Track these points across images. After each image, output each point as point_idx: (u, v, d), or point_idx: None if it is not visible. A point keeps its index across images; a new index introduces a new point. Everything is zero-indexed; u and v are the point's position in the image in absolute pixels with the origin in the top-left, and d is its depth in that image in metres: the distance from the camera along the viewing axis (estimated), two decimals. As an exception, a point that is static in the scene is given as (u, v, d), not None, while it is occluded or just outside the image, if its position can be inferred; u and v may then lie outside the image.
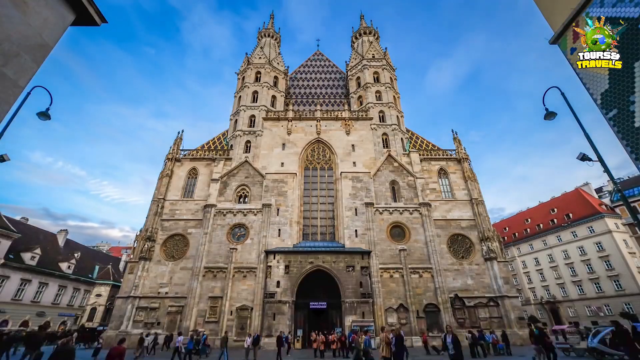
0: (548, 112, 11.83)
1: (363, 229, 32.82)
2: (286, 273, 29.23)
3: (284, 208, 34.10)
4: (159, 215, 33.43)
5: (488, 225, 32.96)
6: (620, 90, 4.30)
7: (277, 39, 54.27)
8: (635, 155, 4.15)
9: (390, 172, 36.58)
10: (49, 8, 3.71)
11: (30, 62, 3.51)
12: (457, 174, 36.98)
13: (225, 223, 33.30)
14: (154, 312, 29.10)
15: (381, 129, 40.13)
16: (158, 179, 35.83)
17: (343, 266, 29.50)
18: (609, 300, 47.14)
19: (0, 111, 3.25)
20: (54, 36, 3.80)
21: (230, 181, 35.96)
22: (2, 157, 10.33)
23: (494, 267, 30.62)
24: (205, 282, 30.21)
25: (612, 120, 4.45)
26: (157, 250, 31.99)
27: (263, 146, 38.77)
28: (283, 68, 48.82)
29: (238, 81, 47.17)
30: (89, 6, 4.08)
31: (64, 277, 43.99)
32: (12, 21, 3.31)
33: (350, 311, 27.51)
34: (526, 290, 61.59)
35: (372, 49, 48.49)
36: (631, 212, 8.52)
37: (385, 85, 43.90)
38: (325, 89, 49.25)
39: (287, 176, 36.20)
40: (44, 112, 11.22)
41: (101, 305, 48.35)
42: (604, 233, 49.73)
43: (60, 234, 49.44)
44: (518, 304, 29.99)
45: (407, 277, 30.14)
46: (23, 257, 38.17)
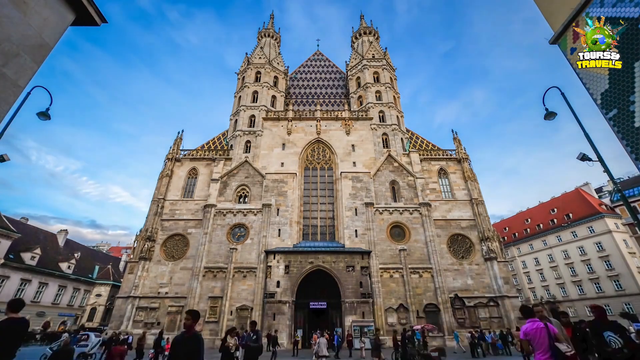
0: (548, 112, 11.83)
1: (363, 229, 32.81)
2: (286, 273, 29.22)
3: (284, 208, 34.08)
4: (159, 215, 33.42)
5: (488, 225, 32.95)
6: (620, 90, 4.30)
7: (277, 39, 54.25)
8: (635, 155, 4.15)
9: (390, 172, 36.57)
10: (49, 8, 3.71)
11: (30, 62, 3.51)
12: (457, 174, 36.97)
13: (225, 223, 33.29)
14: (154, 312, 29.10)
15: (381, 129, 40.12)
16: (158, 179, 35.83)
17: (343, 266, 29.49)
18: (609, 300, 47.11)
19: (0, 111, 3.25)
20: (54, 36, 3.80)
21: (230, 181, 35.95)
22: (2, 157, 10.34)
23: (494, 267, 30.61)
24: (205, 282, 30.20)
25: (612, 120, 4.44)
26: (157, 250, 31.98)
27: (263, 146, 38.76)
28: (283, 68, 48.81)
29: (238, 81, 47.16)
30: (89, 6, 4.08)
31: (64, 277, 43.98)
32: (12, 21, 3.31)
33: (350, 311, 27.49)
34: (526, 290, 61.56)
35: (372, 49, 48.48)
36: (631, 212, 8.52)
37: (385, 85, 43.89)
38: (325, 89, 49.23)
39: (287, 176, 36.19)
40: (44, 112, 11.22)
41: (101, 305, 48.31)
42: (604, 233, 49.71)
43: (60, 234, 49.41)
44: (518, 304, 29.94)
45: (407, 277, 30.13)
46: (23, 257, 38.16)
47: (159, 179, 35.76)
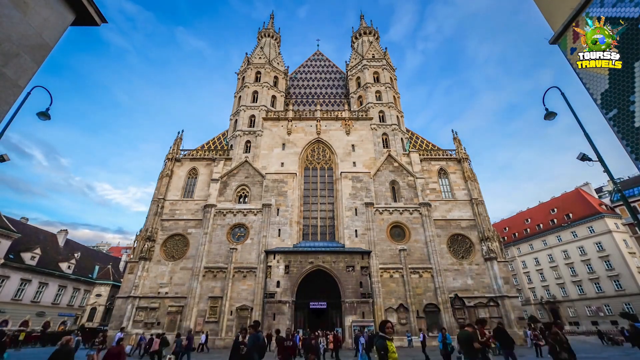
0: (548, 112, 11.83)
1: (363, 229, 32.80)
2: (286, 273, 29.21)
3: (284, 208, 34.07)
4: (159, 215, 33.41)
5: (488, 225, 32.94)
6: (620, 90, 4.29)
7: (277, 39, 54.24)
8: (635, 155, 4.14)
9: (390, 172, 36.56)
10: (49, 8, 3.71)
11: (30, 62, 3.51)
12: (457, 174, 36.96)
13: (225, 223, 33.28)
14: (154, 312, 29.08)
15: (381, 129, 40.11)
16: (158, 179, 35.81)
17: (343, 266, 29.48)
18: (609, 300, 47.13)
19: (0, 111, 3.25)
20: (54, 36, 3.80)
21: (230, 181, 35.94)
22: (2, 157, 10.33)
23: (494, 267, 30.60)
24: (205, 282, 30.19)
25: (612, 120, 4.44)
26: (157, 250, 31.97)
27: (263, 146, 38.75)
28: (283, 68, 48.80)
29: (238, 81, 47.15)
30: (89, 6, 4.08)
31: (64, 277, 43.97)
32: (12, 21, 3.31)
33: (350, 311, 27.48)
34: (526, 290, 61.57)
35: (372, 49, 48.47)
36: (631, 212, 8.51)
37: (385, 85, 43.88)
38: (325, 89, 49.23)
39: (287, 176, 36.18)
40: (44, 112, 11.21)
41: (101, 305, 48.29)
42: (604, 233, 49.71)
43: (60, 234, 49.40)
44: (518, 304, 29.96)
45: (407, 277, 30.12)
46: (23, 257, 38.15)
47: (158, 179, 35.75)
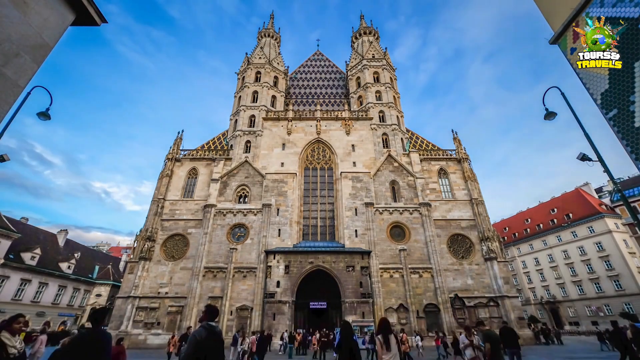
0: (548, 112, 11.83)
1: (363, 229, 32.80)
2: (286, 273, 29.21)
3: (284, 208, 34.07)
4: (159, 215, 33.41)
5: (488, 225, 32.94)
6: (620, 90, 4.29)
7: (277, 39, 54.23)
8: (635, 155, 4.14)
9: (390, 172, 36.56)
10: (49, 8, 3.71)
11: (30, 62, 3.51)
12: (457, 174, 36.96)
13: (225, 223, 33.28)
14: (154, 312, 29.09)
15: (381, 129, 40.11)
16: (158, 179, 35.82)
17: (343, 266, 29.48)
18: (609, 300, 47.14)
19: (0, 111, 3.25)
20: (54, 36, 3.80)
21: (230, 181, 35.94)
22: (2, 157, 10.34)
23: (494, 267, 30.60)
24: (205, 282, 30.19)
25: (612, 120, 4.44)
26: (157, 250, 31.97)
27: (263, 146, 38.75)
28: (283, 68, 48.79)
29: (238, 81, 47.15)
30: (89, 6, 4.08)
31: (64, 277, 43.94)
32: (12, 21, 3.31)
33: (350, 311, 27.48)
34: (526, 290, 61.59)
35: (372, 49, 48.47)
36: (631, 212, 8.51)
37: (385, 85, 43.88)
38: (325, 89, 49.23)
39: (287, 176, 36.18)
40: (44, 112, 11.22)
41: (101, 305, 48.23)
42: (604, 233, 49.72)
43: (60, 234, 49.37)
44: (518, 304, 29.98)
45: (407, 277, 30.12)
46: (23, 257, 38.12)
47: (158, 179, 35.76)
